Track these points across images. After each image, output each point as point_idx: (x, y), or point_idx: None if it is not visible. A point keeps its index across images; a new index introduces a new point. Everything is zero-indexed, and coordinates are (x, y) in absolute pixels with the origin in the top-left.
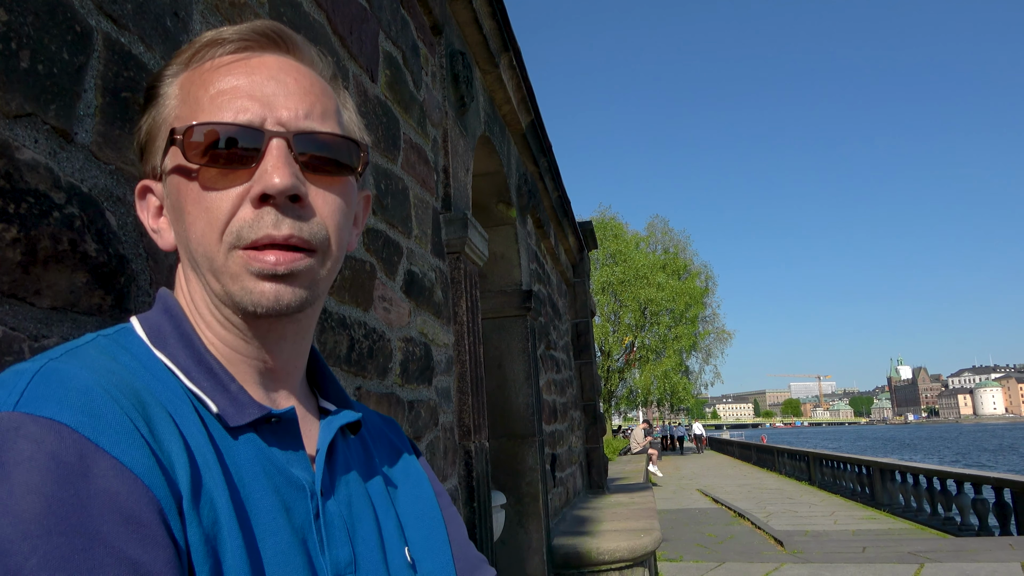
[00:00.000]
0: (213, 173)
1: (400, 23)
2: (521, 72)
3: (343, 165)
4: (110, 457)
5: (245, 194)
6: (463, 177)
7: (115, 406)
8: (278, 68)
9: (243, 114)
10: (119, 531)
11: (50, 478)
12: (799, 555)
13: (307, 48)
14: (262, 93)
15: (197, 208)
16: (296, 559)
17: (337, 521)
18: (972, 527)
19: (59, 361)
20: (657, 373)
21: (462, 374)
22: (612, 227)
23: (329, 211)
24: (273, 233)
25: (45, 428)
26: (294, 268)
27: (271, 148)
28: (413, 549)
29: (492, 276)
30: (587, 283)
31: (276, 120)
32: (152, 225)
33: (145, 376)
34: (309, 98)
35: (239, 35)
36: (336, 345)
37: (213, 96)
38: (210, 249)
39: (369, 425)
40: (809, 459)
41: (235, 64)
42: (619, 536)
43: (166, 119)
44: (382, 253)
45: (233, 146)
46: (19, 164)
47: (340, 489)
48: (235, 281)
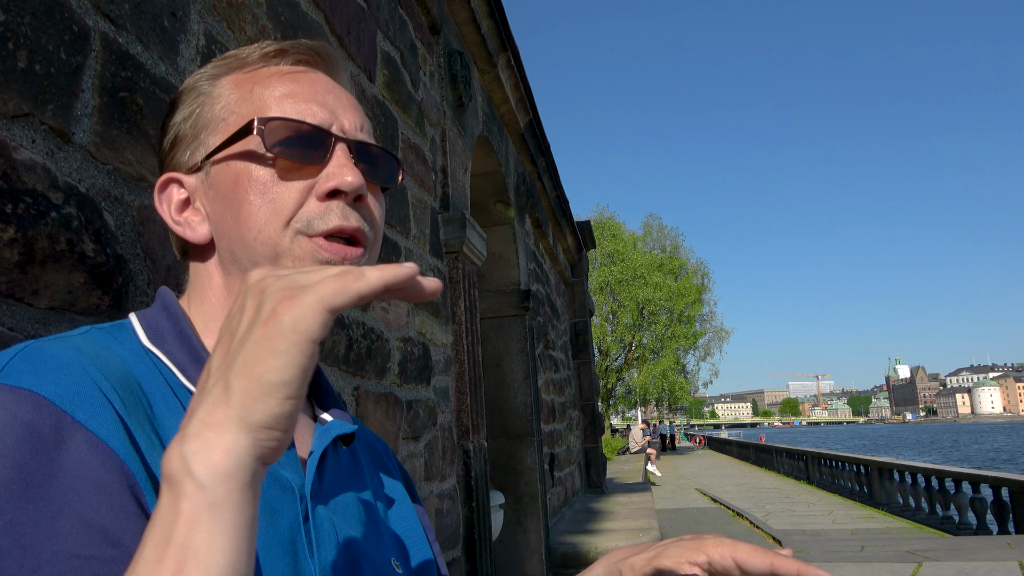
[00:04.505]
0: (283, 165)
1: (398, 23)
2: (519, 72)
3: (386, 177)
4: (85, 430)
5: (310, 189)
6: (461, 177)
7: (93, 384)
8: (331, 85)
9: (314, 117)
10: (90, 499)
11: (24, 446)
12: (798, 554)
13: (345, 73)
14: (326, 101)
15: (262, 198)
16: (274, 563)
17: (327, 525)
18: (970, 526)
19: (43, 341)
20: (655, 372)
21: (460, 374)
22: (610, 227)
23: (378, 215)
24: (344, 224)
25: (22, 398)
26: (356, 263)
27: (337, 151)
28: (408, 558)
29: (490, 276)
30: (585, 283)
31: (340, 127)
32: (176, 217)
33: (135, 364)
34: (360, 115)
35: (299, 49)
36: (335, 345)
37: (280, 97)
38: (274, 235)
39: (362, 439)
40: (807, 458)
41: (297, 74)
42: (618, 535)
43: (218, 115)
44: (380, 253)
45: (304, 144)
46: (17, 164)
47: (330, 495)
48: (299, 264)
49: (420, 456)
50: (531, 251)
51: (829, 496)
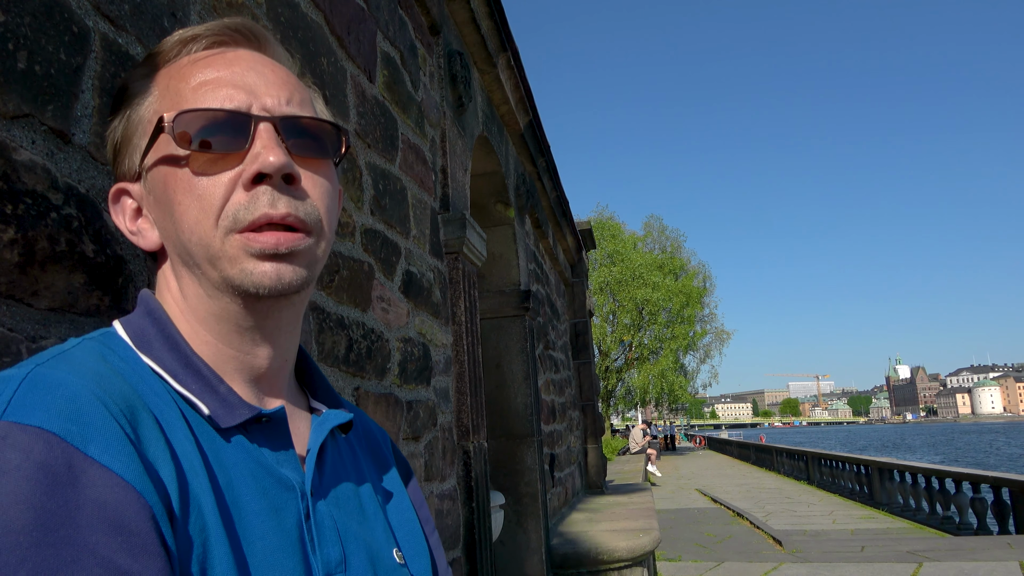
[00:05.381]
0: (204, 159)
1: (398, 23)
2: (519, 72)
3: (326, 149)
4: (99, 465)
5: (237, 178)
6: (461, 177)
7: (104, 412)
8: (254, 60)
9: (229, 101)
10: (109, 541)
11: (38, 488)
12: (798, 554)
13: (276, 45)
14: (244, 82)
15: (189, 196)
16: (286, 561)
17: (327, 521)
18: (970, 526)
19: (46, 367)
20: (654, 372)
21: (460, 374)
22: (610, 227)
23: (319, 193)
24: (270, 212)
25: (33, 437)
26: (294, 247)
27: (260, 132)
28: (404, 549)
29: (490, 276)
30: (585, 283)
31: (261, 106)
32: (130, 228)
33: (133, 378)
34: (288, 87)
35: (212, 31)
36: (334, 345)
37: (195, 87)
38: (206, 236)
39: (359, 426)
40: (808, 458)
41: (212, 57)
42: (618, 536)
43: (144, 116)
44: (380, 253)
45: (222, 132)
46: (16, 165)
47: (330, 489)
48: (234, 264)
49: (420, 456)
50: (531, 251)
51: (829, 496)
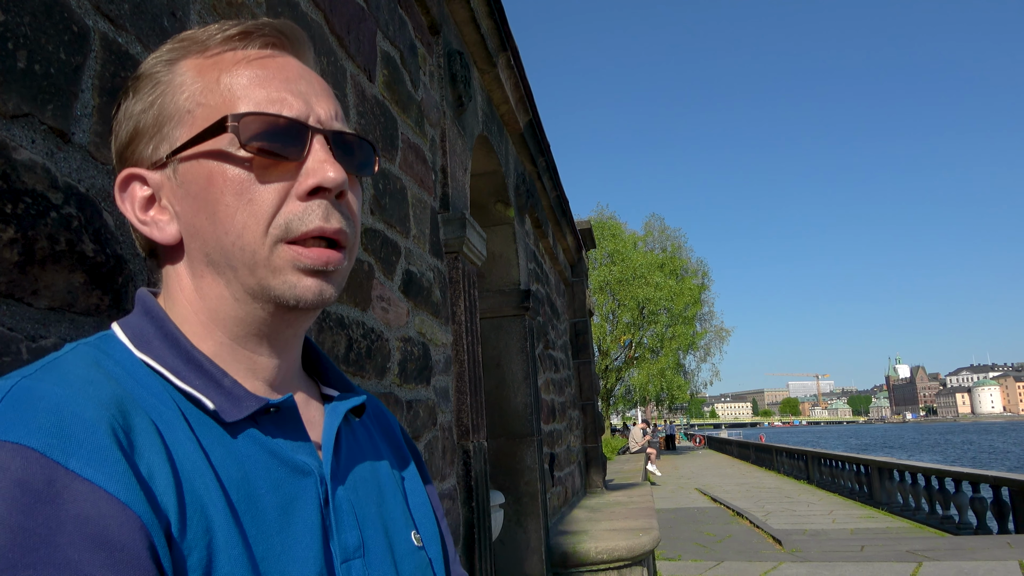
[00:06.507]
0: (261, 163)
1: (398, 23)
2: (519, 72)
3: (364, 167)
4: (81, 479)
5: (290, 188)
6: (461, 177)
7: (90, 422)
8: (302, 69)
9: (290, 109)
10: (92, 558)
11: (16, 507)
12: (797, 554)
13: (312, 52)
14: (299, 90)
15: (239, 199)
16: (306, 551)
17: (345, 506)
18: (970, 525)
19: (32, 378)
20: (654, 372)
21: (460, 374)
22: (610, 227)
23: (356, 209)
24: (325, 225)
25: (10, 454)
26: (338, 266)
27: (315, 144)
28: (422, 531)
29: (490, 276)
30: (585, 283)
31: (316, 118)
32: (141, 216)
33: (129, 382)
34: (333, 101)
35: (264, 31)
36: (334, 345)
37: (250, 87)
38: (253, 241)
39: (372, 409)
40: (807, 458)
41: (265, 60)
42: (618, 535)
43: (183, 105)
44: (380, 253)
45: (281, 139)
46: (16, 164)
47: (347, 473)
48: (277, 275)
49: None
50: (531, 251)
51: (829, 496)
